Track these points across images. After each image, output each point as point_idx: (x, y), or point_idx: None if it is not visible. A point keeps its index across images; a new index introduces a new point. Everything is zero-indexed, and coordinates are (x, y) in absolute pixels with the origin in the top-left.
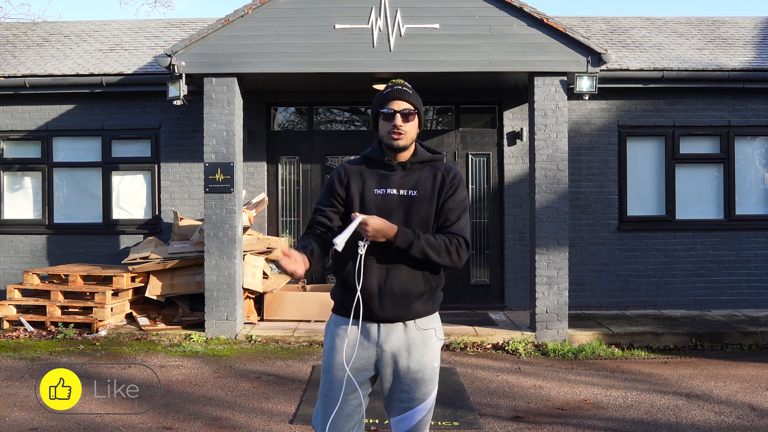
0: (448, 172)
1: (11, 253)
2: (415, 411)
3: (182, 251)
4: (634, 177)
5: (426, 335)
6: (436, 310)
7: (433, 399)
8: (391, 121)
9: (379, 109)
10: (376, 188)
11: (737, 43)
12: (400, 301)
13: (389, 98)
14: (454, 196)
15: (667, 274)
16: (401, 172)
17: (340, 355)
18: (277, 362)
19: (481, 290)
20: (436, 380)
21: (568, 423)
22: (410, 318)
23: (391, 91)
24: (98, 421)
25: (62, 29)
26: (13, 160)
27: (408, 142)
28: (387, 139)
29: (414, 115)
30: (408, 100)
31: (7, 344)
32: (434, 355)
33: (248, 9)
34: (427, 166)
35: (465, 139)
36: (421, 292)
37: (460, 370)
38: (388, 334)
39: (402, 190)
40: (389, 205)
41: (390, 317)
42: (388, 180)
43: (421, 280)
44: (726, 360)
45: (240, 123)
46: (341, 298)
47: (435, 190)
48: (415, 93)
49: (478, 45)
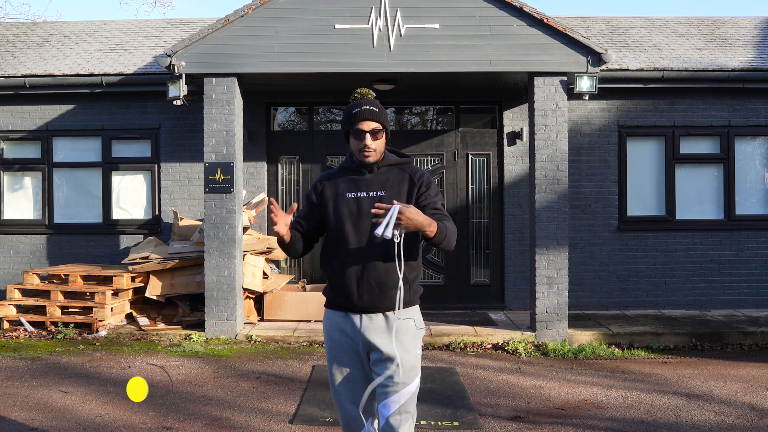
0: (415, 173)
1: (11, 253)
2: (399, 394)
3: (182, 251)
4: (634, 177)
5: (406, 324)
6: (415, 303)
7: (416, 384)
8: (362, 140)
9: (348, 129)
10: (348, 192)
11: (737, 43)
12: (377, 293)
13: (358, 119)
14: (429, 191)
15: (667, 274)
16: (370, 176)
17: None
18: (277, 362)
19: (481, 290)
20: (418, 367)
21: (568, 423)
22: (388, 309)
23: (360, 111)
24: (98, 421)
25: (62, 29)
26: (13, 160)
27: (378, 156)
28: (359, 156)
29: (381, 132)
30: (375, 119)
31: (7, 344)
32: (416, 342)
33: (248, 9)
34: (395, 168)
35: (465, 139)
36: (396, 284)
37: (460, 370)
38: (370, 323)
39: (371, 191)
40: (360, 206)
41: (369, 308)
42: (358, 184)
43: (396, 272)
44: (726, 360)
45: (240, 123)
46: (330, 293)
47: (404, 190)
48: (381, 109)
49: (478, 45)
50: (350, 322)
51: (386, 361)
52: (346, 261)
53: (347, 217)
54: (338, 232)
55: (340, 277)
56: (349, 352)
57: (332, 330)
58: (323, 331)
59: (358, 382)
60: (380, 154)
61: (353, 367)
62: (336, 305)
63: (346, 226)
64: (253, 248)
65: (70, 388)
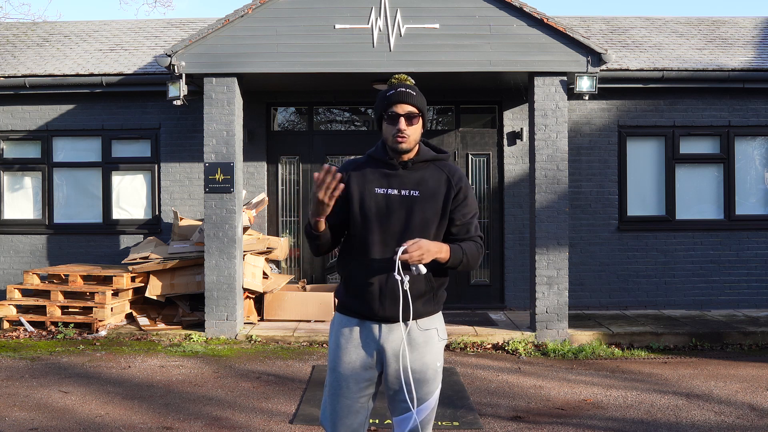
0: (453, 175)
1: (11, 253)
2: (418, 410)
3: (182, 251)
4: (634, 177)
5: (428, 335)
6: (438, 310)
7: (435, 398)
8: (396, 124)
9: (383, 112)
10: (377, 188)
11: (737, 43)
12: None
13: (393, 101)
14: (466, 201)
15: (667, 274)
16: (404, 172)
17: (346, 353)
18: (277, 362)
19: (481, 290)
20: (439, 380)
21: (568, 423)
22: (412, 318)
23: (395, 93)
24: (98, 421)
25: (62, 29)
26: (13, 160)
27: (412, 144)
28: (391, 142)
29: (418, 118)
30: (412, 102)
31: (7, 344)
32: (437, 354)
33: (248, 9)
34: (430, 165)
35: (465, 139)
36: (422, 293)
37: (460, 370)
38: (389, 334)
39: (404, 190)
40: (390, 205)
41: (390, 317)
42: (389, 180)
43: (423, 281)
44: (726, 360)
45: (240, 123)
46: (344, 297)
47: (440, 193)
48: (419, 93)
49: (478, 45)
50: (367, 330)
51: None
52: (369, 265)
53: (374, 215)
54: (363, 232)
55: (360, 281)
56: (356, 367)
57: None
58: (330, 335)
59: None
60: (415, 144)
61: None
62: (352, 311)
63: (372, 226)
64: (253, 248)
65: (70, 388)
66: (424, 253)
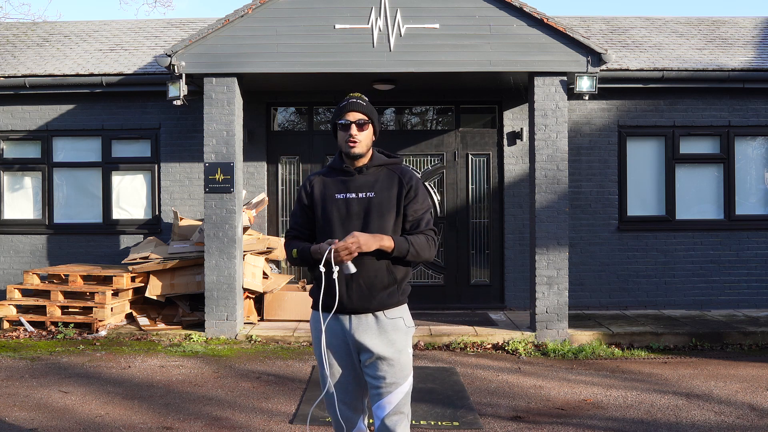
0: (404, 175)
1: (11, 253)
2: (393, 395)
3: (182, 251)
4: (634, 177)
5: (395, 323)
6: (404, 302)
7: (409, 383)
8: (347, 131)
9: (336, 121)
10: (336, 193)
11: (737, 43)
12: (366, 294)
13: (345, 110)
14: (417, 198)
15: (667, 274)
16: (359, 177)
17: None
18: (277, 362)
19: (481, 290)
20: (410, 366)
21: (568, 423)
22: (378, 309)
23: (347, 104)
24: (98, 421)
25: (62, 29)
26: (13, 160)
27: (363, 149)
28: (344, 147)
29: (368, 125)
30: (361, 111)
31: (7, 344)
32: (406, 341)
33: (248, 9)
34: (384, 169)
35: (465, 139)
36: (386, 285)
37: (460, 370)
38: (359, 325)
39: (360, 193)
40: (349, 208)
41: (358, 308)
42: (347, 185)
43: (385, 274)
44: (726, 360)
45: (240, 123)
46: (317, 295)
47: (393, 193)
48: (368, 104)
49: (478, 45)
50: (339, 323)
51: (377, 361)
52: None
53: (336, 218)
54: (327, 234)
55: (329, 279)
56: (340, 353)
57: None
58: (311, 331)
59: (350, 383)
60: (367, 149)
61: (344, 367)
62: (325, 306)
63: (335, 228)
64: (253, 248)
65: (70, 388)
66: (362, 245)
